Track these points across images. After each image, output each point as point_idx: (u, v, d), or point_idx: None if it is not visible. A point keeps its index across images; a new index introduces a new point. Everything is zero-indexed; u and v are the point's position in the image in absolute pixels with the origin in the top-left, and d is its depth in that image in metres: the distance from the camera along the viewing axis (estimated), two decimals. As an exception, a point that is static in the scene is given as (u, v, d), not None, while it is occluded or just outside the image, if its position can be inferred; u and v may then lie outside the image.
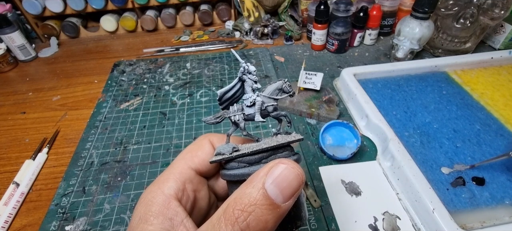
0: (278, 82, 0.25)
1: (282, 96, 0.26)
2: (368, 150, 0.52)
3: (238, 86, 0.25)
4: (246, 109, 0.25)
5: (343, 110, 0.60)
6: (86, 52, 0.89)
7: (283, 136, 0.24)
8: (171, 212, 0.20)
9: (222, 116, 0.25)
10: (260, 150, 0.22)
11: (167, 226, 0.19)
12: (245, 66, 0.24)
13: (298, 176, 0.19)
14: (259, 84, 0.25)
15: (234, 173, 0.22)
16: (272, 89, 0.25)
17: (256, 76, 0.25)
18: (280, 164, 0.19)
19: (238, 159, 0.22)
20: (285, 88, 0.25)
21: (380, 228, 0.41)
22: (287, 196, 0.18)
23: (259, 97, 0.24)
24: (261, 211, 0.17)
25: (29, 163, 0.52)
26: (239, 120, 0.25)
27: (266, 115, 0.25)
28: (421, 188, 0.41)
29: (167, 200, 0.21)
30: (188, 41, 0.92)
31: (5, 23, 0.80)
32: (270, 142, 0.23)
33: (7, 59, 0.82)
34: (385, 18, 0.82)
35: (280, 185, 0.18)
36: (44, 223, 0.44)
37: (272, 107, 0.25)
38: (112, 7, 0.93)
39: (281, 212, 0.18)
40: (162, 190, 0.21)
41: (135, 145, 0.55)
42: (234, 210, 0.17)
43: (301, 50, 0.83)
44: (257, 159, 0.22)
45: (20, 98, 0.71)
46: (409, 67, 0.65)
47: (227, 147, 0.23)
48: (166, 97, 0.67)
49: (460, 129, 0.52)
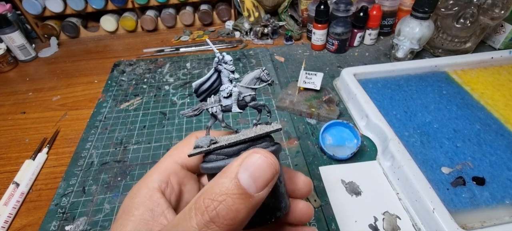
0: (255, 71, 0.25)
1: (260, 86, 0.25)
2: (368, 150, 0.52)
3: (214, 77, 0.24)
4: (223, 101, 0.24)
5: (343, 110, 0.60)
6: (86, 52, 0.89)
7: (262, 126, 0.23)
8: (153, 203, 0.21)
9: (199, 108, 0.25)
10: (238, 141, 0.21)
11: (147, 216, 0.20)
12: (220, 56, 0.23)
13: (271, 165, 0.18)
14: (236, 74, 0.24)
15: (212, 166, 0.21)
16: (249, 79, 0.24)
17: (232, 66, 0.24)
18: (254, 154, 0.18)
19: (216, 151, 0.22)
20: (263, 76, 0.25)
21: (380, 228, 0.41)
22: (260, 186, 0.18)
23: (235, 88, 0.24)
24: (232, 200, 0.17)
25: (29, 163, 0.52)
26: (217, 111, 0.24)
27: (244, 106, 0.24)
28: (421, 188, 0.41)
29: (149, 192, 0.21)
30: (188, 41, 0.92)
31: (5, 23, 0.80)
32: (248, 133, 0.22)
33: (7, 59, 0.82)
34: (385, 18, 0.82)
35: (253, 174, 0.18)
36: (44, 223, 0.44)
37: (249, 97, 0.24)
38: (112, 7, 0.93)
39: (254, 202, 0.17)
40: (146, 183, 0.22)
41: (135, 145, 0.55)
42: (205, 199, 0.17)
43: (301, 50, 0.83)
44: (235, 150, 0.21)
45: (20, 98, 0.71)
46: (409, 67, 0.65)
47: (205, 139, 0.22)
48: (166, 97, 0.67)
49: (460, 128, 0.52)
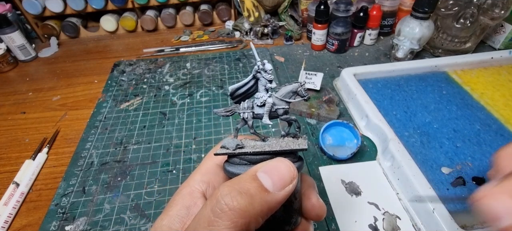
0: (293, 84, 0.24)
1: (295, 100, 0.25)
2: (368, 150, 0.52)
3: (251, 83, 0.24)
4: (256, 109, 0.24)
5: (343, 110, 0.60)
6: (86, 52, 0.89)
7: (289, 140, 0.23)
8: (190, 202, 0.22)
9: (232, 110, 0.25)
10: (263, 152, 0.22)
11: (183, 213, 0.21)
12: (260, 65, 0.23)
13: (290, 168, 0.19)
14: (274, 83, 0.24)
15: (234, 171, 0.22)
16: (286, 92, 0.24)
17: (271, 75, 0.24)
18: (275, 159, 0.19)
19: (240, 156, 0.22)
20: (300, 92, 0.24)
21: (380, 228, 0.41)
22: (278, 185, 0.18)
23: (270, 99, 0.24)
24: (248, 189, 0.17)
25: (29, 163, 0.52)
26: (248, 117, 0.24)
27: (275, 117, 0.24)
28: (421, 188, 0.41)
29: (190, 191, 0.23)
30: (188, 41, 0.92)
31: (5, 23, 0.80)
32: (274, 145, 0.22)
33: (7, 59, 0.82)
34: (385, 18, 0.82)
35: (271, 172, 0.18)
36: (44, 223, 0.44)
37: (282, 110, 0.24)
38: (112, 7, 0.93)
39: (269, 199, 0.18)
40: (188, 183, 0.24)
41: (135, 145, 0.55)
42: (221, 188, 0.18)
43: (301, 50, 0.83)
44: (258, 159, 0.22)
45: (20, 98, 0.71)
46: (409, 67, 0.65)
47: (232, 142, 0.22)
48: (166, 97, 0.67)
49: (460, 128, 0.52)
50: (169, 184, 0.48)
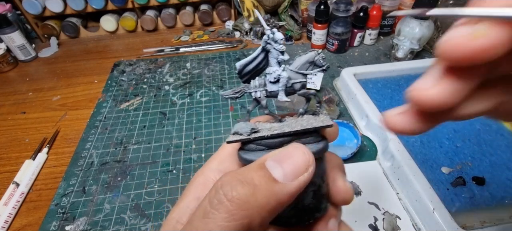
0: (309, 53, 0.21)
1: (313, 71, 0.21)
2: (368, 149, 0.52)
3: (261, 57, 0.21)
4: (269, 86, 0.21)
5: (343, 110, 0.60)
6: (86, 52, 0.89)
7: (309, 117, 0.20)
8: (202, 193, 0.20)
9: (242, 91, 0.22)
10: (281, 134, 0.19)
11: (192, 205, 0.19)
12: (270, 34, 0.20)
13: (304, 154, 0.16)
14: (286, 55, 0.21)
15: (251, 157, 0.19)
16: (301, 63, 0.21)
17: (282, 45, 0.21)
18: (288, 146, 0.17)
19: (256, 142, 0.19)
20: (318, 61, 0.21)
21: (380, 228, 0.41)
22: (289, 174, 0.16)
23: (284, 73, 0.21)
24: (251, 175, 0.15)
25: (29, 163, 0.52)
26: (261, 97, 0.21)
27: (291, 93, 0.21)
28: (421, 187, 0.41)
29: (204, 180, 0.21)
30: (188, 41, 0.92)
31: (5, 23, 0.80)
32: (294, 125, 0.19)
33: (7, 59, 0.82)
34: (385, 18, 0.82)
35: (282, 160, 0.16)
36: (44, 223, 0.44)
37: (299, 84, 0.21)
38: (112, 7, 0.93)
39: (278, 190, 0.15)
40: (203, 171, 0.22)
41: (135, 145, 0.55)
42: (226, 174, 0.16)
43: (301, 50, 0.83)
44: (277, 143, 0.19)
45: (20, 98, 0.71)
46: (409, 67, 0.65)
47: (246, 126, 0.19)
48: (166, 97, 0.67)
49: (460, 128, 0.52)
50: (169, 184, 0.48)
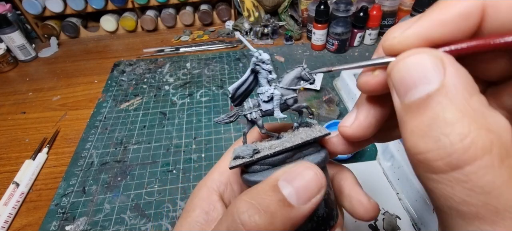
0: (295, 69, 0.22)
1: (302, 85, 0.22)
2: (368, 150, 0.52)
3: (251, 79, 0.22)
4: (263, 105, 0.21)
5: (343, 110, 0.60)
6: (86, 52, 0.89)
7: (305, 129, 0.21)
8: (209, 205, 0.21)
9: (236, 114, 0.22)
10: (284, 150, 0.19)
11: (201, 219, 0.20)
12: (258, 55, 0.21)
13: (316, 175, 0.16)
14: (274, 74, 0.21)
15: (257, 179, 0.19)
16: (290, 79, 0.22)
17: (270, 65, 0.21)
18: (299, 164, 0.17)
19: (260, 162, 0.20)
20: (305, 75, 0.22)
21: (380, 228, 0.41)
22: (303, 197, 0.16)
23: (277, 91, 0.21)
24: (267, 202, 0.15)
25: (29, 163, 0.52)
26: (257, 117, 0.22)
27: (286, 109, 0.22)
28: (421, 187, 0.41)
29: (208, 193, 0.21)
30: (188, 41, 0.92)
31: (5, 23, 0.80)
32: (293, 139, 0.20)
33: (7, 59, 0.82)
34: (385, 18, 0.82)
35: (294, 181, 0.16)
36: (44, 223, 0.44)
37: (292, 99, 0.22)
38: (112, 7, 0.93)
39: (294, 214, 0.15)
40: (206, 182, 0.22)
41: (135, 145, 0.55)
42: (239, 202, 0.16)
43: (301, 50, 0.83)
44: (281, 159, 0.19)
45: (20, 98, 0.71)
46: (409, 67, 0.65)
47: (247, 149, 0.20)
48: (166, 97, 0.67)
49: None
50: (169, 184, 0.48)
